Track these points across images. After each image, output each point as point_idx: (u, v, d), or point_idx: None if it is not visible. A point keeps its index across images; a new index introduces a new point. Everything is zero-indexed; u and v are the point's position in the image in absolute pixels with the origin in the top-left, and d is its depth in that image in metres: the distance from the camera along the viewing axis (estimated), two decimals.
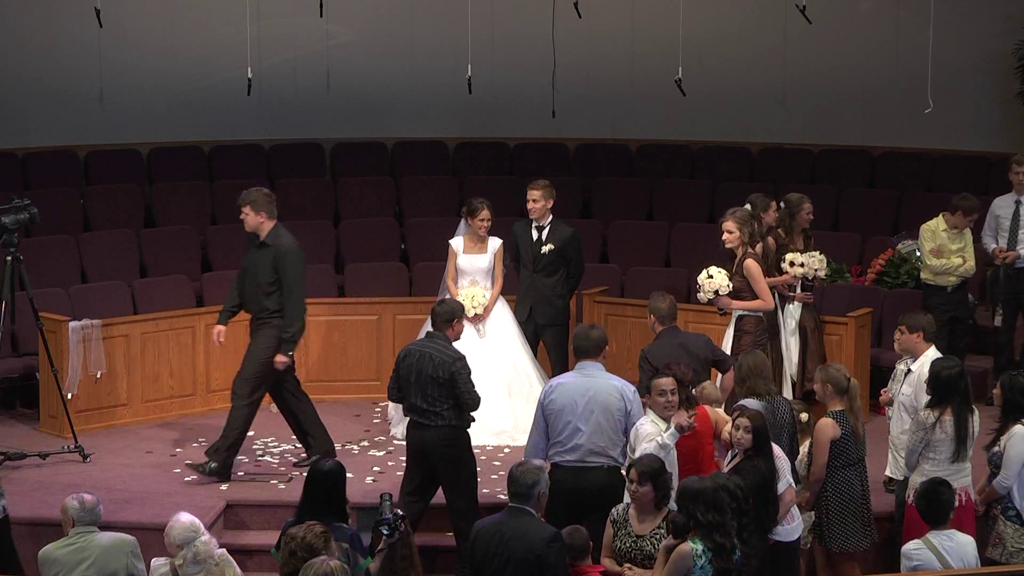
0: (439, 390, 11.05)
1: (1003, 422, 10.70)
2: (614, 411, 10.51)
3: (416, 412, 11.15)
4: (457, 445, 11.14)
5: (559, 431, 10.56)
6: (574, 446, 10.50)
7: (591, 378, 10.65)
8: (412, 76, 17.93)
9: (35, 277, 13.47)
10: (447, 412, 11.08)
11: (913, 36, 16.92)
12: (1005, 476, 10.43)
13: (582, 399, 10.53)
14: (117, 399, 13.83)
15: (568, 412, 10.52)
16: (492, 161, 18.03)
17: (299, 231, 16.33)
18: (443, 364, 11.05)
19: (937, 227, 13.96)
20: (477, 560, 8.89)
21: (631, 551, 9.45)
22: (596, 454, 10.50)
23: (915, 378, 11.07)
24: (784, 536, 10.15)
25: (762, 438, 9.98)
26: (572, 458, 10.51)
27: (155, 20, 17.31)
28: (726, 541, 8.82)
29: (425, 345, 11.24)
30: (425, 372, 11.05)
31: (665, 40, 16.59)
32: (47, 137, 17.07)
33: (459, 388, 11.05)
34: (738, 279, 12.39)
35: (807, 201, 13.55)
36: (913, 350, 11.25)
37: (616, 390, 10.59)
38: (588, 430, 10.48)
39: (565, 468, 10.51)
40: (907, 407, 11.09)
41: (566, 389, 10.63)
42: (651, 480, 9.38)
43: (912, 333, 11.23)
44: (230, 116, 17.44)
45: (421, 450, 11.16)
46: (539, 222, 13.61)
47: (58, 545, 9.27)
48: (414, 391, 11.12)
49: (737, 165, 17.78)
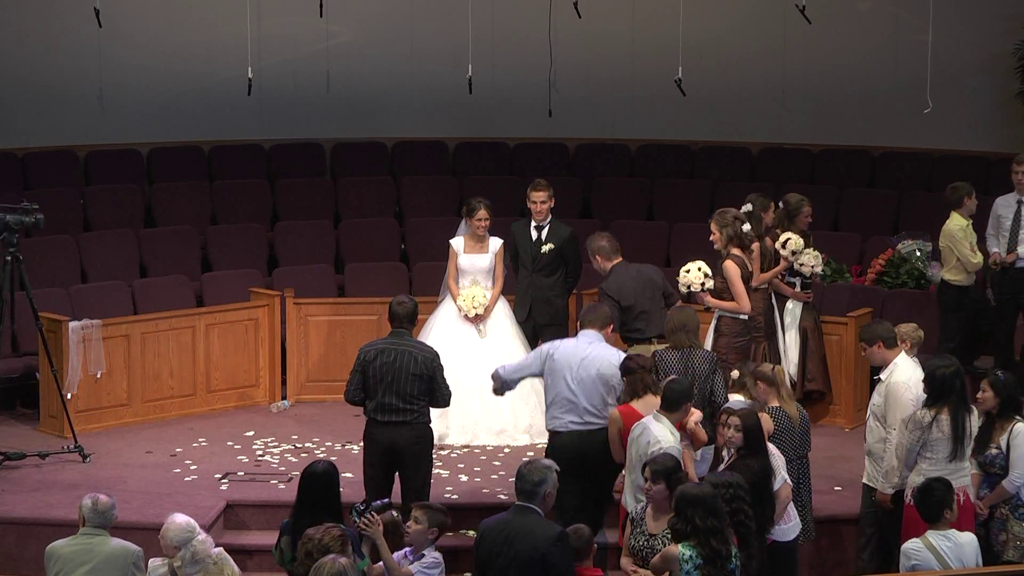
0: (420, 387, 11.03)
1: (987, 424, 10.65)
2: (609, 379, 11.03)
3: (387, 411, 11.06)
4: (426, 442, 11.14)
5: (556, 391, 11.12)
6: (573, 407, 11.03)
7: (591, 345, 11.18)
8: (412, 76, 17.92)
9: (35, 277, 13.46)
10: (421, 409, 11.08)
11: (913, 36, 16.92)
12: (1017, 475, 10.41)
13: (578, 363, 11.06)
14: (117, 399, 13.82)
15: (565, 372, 11.07)
16: (492, 161, 18.02)
17: (299, 231, 16.45)
18: (425, 361, 11.06)
19: (961, 223, 13.87)
20: (482, 558, 8.88)
21: (643, 549, 9.46)
22: (592, 415, 11.00)
23: (884, 388, 10.92)
24: (781, 536, 10.15)
25: (753, 437, 9.97)
26: (575, 419, 11.02)
27: (155, 20, 17.30)
28: (723, 548, 8.82)
29: (399, 344, 11.17)
30: (407, 370, 11.03)
31: (665, 40, 16.59)
32: (47, 137, 17.06)
33: (438, 383, 11.10)
34: (719, 280, 12.41)
35: (807, 204, 13.54)
36: (882, 361, 11.02)
37: (614, 356, 11.12)
38: (583, 392, 11.02)
39: (567, 433, 11.03)
40: (878, 416, 10.93)
41: (566, 351, 11.19)
42: (664, 478, 9.40)
43: (872, 346, 11.02)
44: (230, 116, 17.43)
45: (392, 449, 11.06)
46: (539, 222, 13.61)
47: (66, 542, 9.27)
48: (387, 390, 11.05)
49: (737, 165, 17.78)
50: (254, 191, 17.13)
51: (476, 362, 13.22)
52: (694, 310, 11.80)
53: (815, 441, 12.36)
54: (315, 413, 13.96)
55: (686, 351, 11.38)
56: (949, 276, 13.99)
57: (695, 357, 11.41)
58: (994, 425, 10.60)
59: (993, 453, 10.56)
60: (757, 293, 13.09)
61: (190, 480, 12.48)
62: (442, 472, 12.63)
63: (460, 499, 11.98)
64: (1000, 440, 10.54)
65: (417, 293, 15.32)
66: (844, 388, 13.84)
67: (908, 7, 17.29)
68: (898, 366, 10.94)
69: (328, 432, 13.55)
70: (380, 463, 11.15)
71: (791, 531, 10.24)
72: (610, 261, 12.67)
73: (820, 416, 13.68)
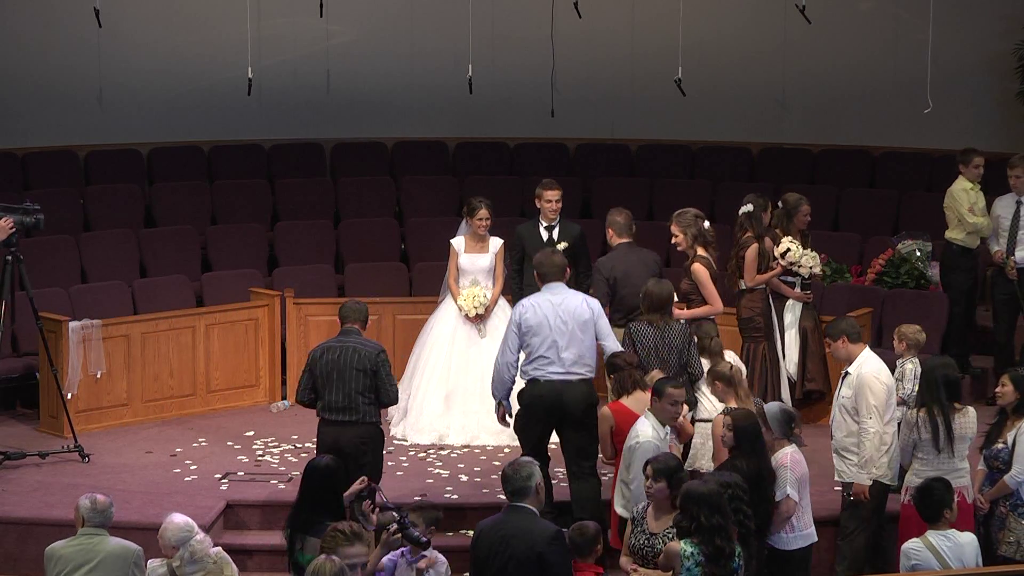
0: (364, 382, 11.00)
1: (1001, 419, 10.68)
2: (585, 321, 11.27)
3: (333, 409, 11.07)
4: (373, 442, 11.05)
5: (538, 347, 11.25)
6: (557, 359, 11.20)
7: (559, 294, 11.39)
8: (412, 76, 17.92)
9: (35, 277, 13.46)
10: (367, 408, 11.04)
11: (913, 36, 16.92)
12: (1018, 471, 10.41)
13: (554, 314, 11.25)
14: (117, 399, 13.82)
15: (544, 327, 11.22)
16: (492, 161, 18.02)
17: (299, 231, 16.44)
18: (368, 356, 11.02)
19: (965, 186, 14.24)
20: (479, 559, 8.88)
21: (643, 548, 9.46)
22: (576, 364, 11.22)
23: (853, 380, 10.86)
24: (779, 544, 10.08)
25: (743, 438, 9.94)
26: (558, 371, 11.19)
27: (155, 20, 17.30)
28: (726, 546, 8.83)
29: (344, 341, 11.17)
30: (350, 366, 11.01)
31: (665, 40, 16.60)
32: (47, 137, 17.06)
33: (381, 379, 11.03)
34: (686, 282, 12.42)
35: (805, 203, 13.54)
36: (847, 356, 10.96)
37: (584, 302, 11.39)
38: (566, 342, 11.19)
39: (547, 383, 11.22)
40: (847, 409, 10.85)
41: (538, 307, 11.32)
42: (665, 477, 9.42)
43: (836, 340, 10.94)
44: (230, 116, 17.43)
45: (336, 447, 11.01)
46: (550, 222, 13.56)
47: (65, 543, 9.26)
48: (335, 388, 11.04)
49: (737, 165, 17.78)
50: (254, 191, 17.13)
51: (476, 362, 13.22)
52: (670, 284, 11.90)
53: (815, 441, 12.39)
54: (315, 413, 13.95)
55: (661, 324, 11.51)
56: (951, 235, 14.35)
57: (670, 329, 11.53)
58: (1006, 421, 10.62)
59: (999, 448, 10.58)
60: (755, 293, 13.10)
61: (190, 480, 12.48)
62: (442, 472, 12.64)
63: (460, 499, 11.99)
64: (1008, 436, 10.55)
65: (417, 293, 15.38)
66: None
67: (908, 7, 17.29)
68: (866, 359, 10.88)
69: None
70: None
71: (792, 542, 10.13)
72: (619, 238, 12.83)
73: (820, 416, 13.67)
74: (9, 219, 12.57)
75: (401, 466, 12.82)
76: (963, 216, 14.19)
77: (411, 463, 12.90)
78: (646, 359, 11.42)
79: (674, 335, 11.51)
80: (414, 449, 13.21)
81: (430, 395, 13.41)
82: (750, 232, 13.12)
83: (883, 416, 10.71)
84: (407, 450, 13.19)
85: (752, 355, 12.89)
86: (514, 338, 11.37)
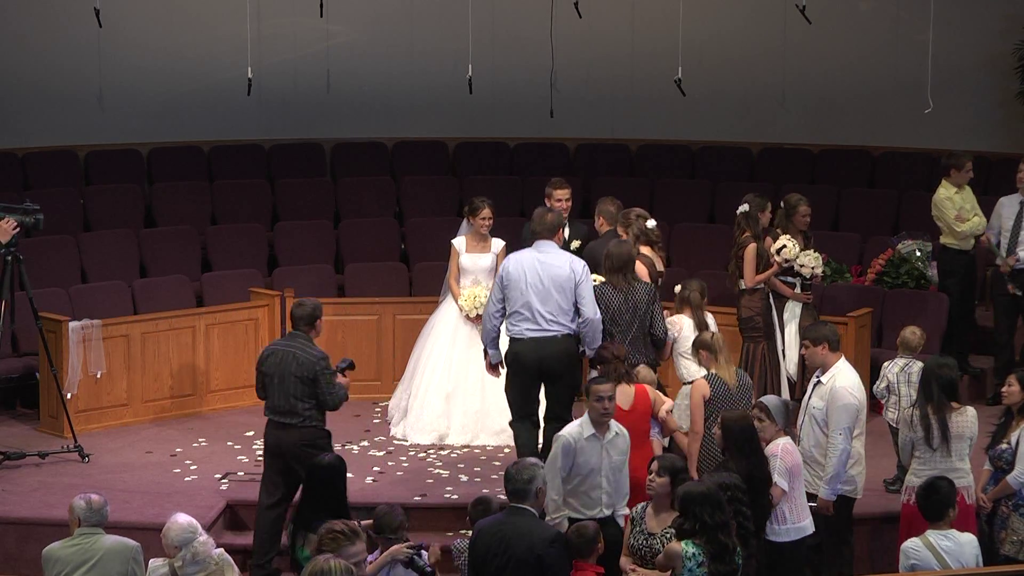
0: (303, 389, 11.00)
1: (1006, 419, 10.68)
2: (564, 282, 11.40)
3: (276, 411, 11.09)
4: (316, 446, 10.97)
5: (515, 300, 11.48)
6: (531, 315, 11.41)
7: (545, 253, 11.56)
8: (412, 76, 17.92)
9: (35, 277, 13.46)
10: (309, 412, 11.02)
11: (913, 36, 16.92)
12: (1021, 471, 10.41)
13: (532, 271, 11.45)
14: (117, 399, 13.82)
15: (521, 282, 11.47)
16: (492, 161, 18.03)
17: (299, 231, 16.44)
18: (307, 363, 11.01)
19: (949, 193, 14.21)
20: (478, 559, 8.89)
21: (642, 548, 9.47)
22: (551, 322, 11.41)
23: (825, 391, 10.70)
24: (772, 536, 10.07)
25: (731, 439, 9.89)
26: (532, 327, 11.42)
27: (155, 20, 17.30)
28: (729, 542, 8.83)
29: (288, 344, 11.18)
30: (290, 372, 11.01)
31: (665, 40, 16.60)
32: (47, 137, 17.06)
33: (321, 388, 11.01)
34: None
35: (804, 203, 13.54)
36: (823, 363, 10.84)
37: (567, 263, 11.50)
38: (540, 300, 11.41)
39: (526, 340, 11.44)
40: (818, 420, 10.71)
41: (520, 262, 11.57)
42: (670, 474, 9.46)
43: (817, 346, 10.81)
44: (230, 116, 17.43)
45: (278, 450, 11.07)
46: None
47: (63, 544, 9.26)
48: (276, 391, 11.07)
49: (737, 165, 17.78)
50: (254, 191, 17.13)
51: (477, 362, 13.21)
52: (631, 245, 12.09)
53: None
54: None
55: (624, 285, 11.70)
56: (944, 240, 14.39)
57: (634, 290, 11.71)
58: (1011, 421, 10.62)
59: (1002, 448, 10.58)
60: (755, 293, 13.11)
61: (190, 480, 12.48)
62: (442, 472, 12.64)
63: (460, 499, 11.98)
64: (1012, 436, 10.55)
65: (417, 293, 15.38)
66: None
67: (908, 7, 17.29)
68: (840, 370, 10.75)
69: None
70: (271, 464, 11.17)
71: (783, 533, 10.10)
72: (608, 227, 12.88)
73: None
74: (11, 220, 12.58)
75: (401, 466, 12.82)
76: (951, 226, 14.20)
77: (411, 463, 12.90)
78: (609, 323, 11.61)
79: (640, 296, 11.71)
80: (414, 449, 13.21)
81: (431, 395, 13.41)
82: (748, 232, 13.13)
83: (851, 431, 10.61)
84: (407, 450, 13.19)
85: (752, 355, 12.89)
86: (497, 290, 11.65)
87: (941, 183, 14.32)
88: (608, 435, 10.07)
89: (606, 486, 10.01)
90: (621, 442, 10.11)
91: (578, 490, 9.97)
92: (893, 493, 11.81)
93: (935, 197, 14.29)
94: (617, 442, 10.10)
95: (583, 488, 9.99)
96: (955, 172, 14.24)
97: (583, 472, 9.98)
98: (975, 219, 14.23)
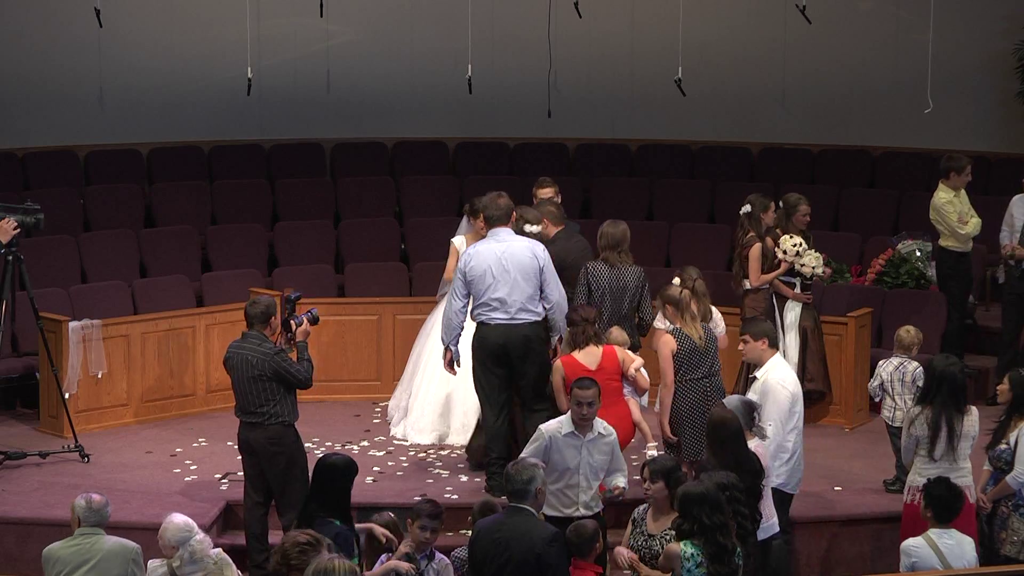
0: (263, 387, 10.98)
1: (1006, 419, 10.68)
2: (528, 268, 11.53)
3: (242, 411, 11.12)
4: (282, 443, 10.97)
5: (483, 293, 11.57)
6: (500, 306, 11.53)
7: (504, 242, 11.65)
8: (412, 76, 17.92)
9: (35, 277, 13.46)
10: (273, 409, 11.00)
11: (913, 36, 16.93)
12: (1020, 471, 10.40)
13: (497, 262, 11.54)
14: (117, 399, 13.82)
15: (488, 275, 11.54)
16: (492, 161, 18.02)
17: (299, 231, 16.44)
18: (260, 363, 10.98)
19: (949, 196, 14.15)
20: (477, 560, 8.89)
21: (641, 549, 9.47)
22: (522, 310, 11.55)
23: (760, 386, 10.70)
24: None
25: (716, 441, 9.74)
26: (502, 317, 11.55)
27: (155, 20, 17.29)
28: (728, 542, 8.83)
29: (240, 347, 11.15)
30: (245, 375, 11.01)
31: (665, 40, 16.60)
32: (47, 137, 17.06)
33: (283, 377, 10.95)
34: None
35: (804, 203, 13.54)
36: (759, 359, 10.83)
37: (528, 249, 11.63)
38: (508, 290, 11.51)
39: (493, 326, 11.58)
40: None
41: (482, 255, 11.61)
42: (663, 477, 9.44)
43: (756, 341, 10.78)
44: (230, 116, 17.43)
45: (249, 448, 11.10)
46: None
47: (63, 544, 9.26)
48: (237, 392, 11.12)
49: (737, 165, 17.78)
50: (254, 191, 17.12)
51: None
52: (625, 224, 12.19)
53: (816, 442, 12.42)
54: (315, 413, 13.92)
55: (618, 263, 11.85)
56: (944, 243, 14.34)
57: (626, 270, 11.87)
58: (1010, 422, 10.62)
59: (1002, 448, 10.58)
60: (758, 294, 13.12)
61: (190, 480, 12.48)
62: (442, 472, 12.64)
63: (460, 499, 11.97)
64: (1011, 436, 10.55)
65: (417, 293, 15.37)
66: (844, 388, 13.83)
67: (908, 7, 17.30)
68: (775, 365, 10.79)
69: (328, 432, 13.55)
70: (249, 462, 11.19)
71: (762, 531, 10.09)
72: (555, 227, 12.65)
73: (820, 416, 13.69)
74: (12, 220, 12.58)
75: (401, 466, 12.82)
76: (955, 229, 14.12)
77: (411, 463, 12.90)
78: (600, 300, 11.73)
79: (630, 277, 11.89)
80: (414, 449, 13.21)
81: (431, 395, 13.40)
82: (752, 232, 13.14)
83: (784, 425, 10.62)
84: (407, 450, 13.19)
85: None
86: (460, 285, 11.67)
87: (939, 186, 14.27)
88: (589, 434, 10.11)
89: (584, 485, 10.06)
90: (604, 443, 10.15)
91: (555, 487, 10.01)
92: (893, 493, 11.81)
93: (934, 201, 14.21)
94: (599, 443, 10.13)
95: (559, 485, 10.06)
96: (955, 175, 14.17)
97: (559, 469, 10.05)
98: (975, 220, 14.20)
